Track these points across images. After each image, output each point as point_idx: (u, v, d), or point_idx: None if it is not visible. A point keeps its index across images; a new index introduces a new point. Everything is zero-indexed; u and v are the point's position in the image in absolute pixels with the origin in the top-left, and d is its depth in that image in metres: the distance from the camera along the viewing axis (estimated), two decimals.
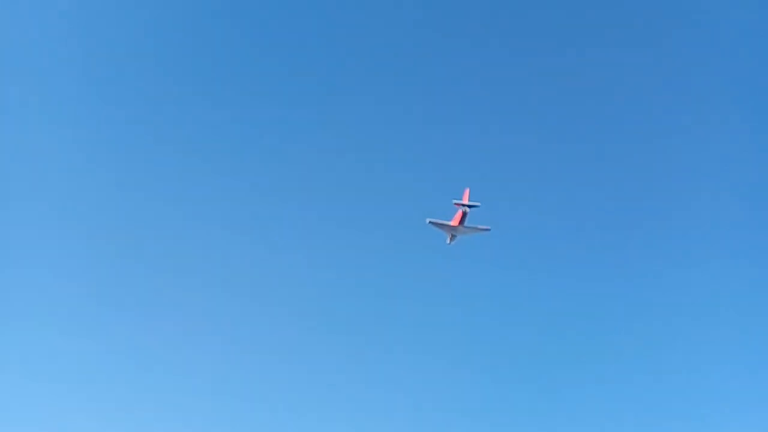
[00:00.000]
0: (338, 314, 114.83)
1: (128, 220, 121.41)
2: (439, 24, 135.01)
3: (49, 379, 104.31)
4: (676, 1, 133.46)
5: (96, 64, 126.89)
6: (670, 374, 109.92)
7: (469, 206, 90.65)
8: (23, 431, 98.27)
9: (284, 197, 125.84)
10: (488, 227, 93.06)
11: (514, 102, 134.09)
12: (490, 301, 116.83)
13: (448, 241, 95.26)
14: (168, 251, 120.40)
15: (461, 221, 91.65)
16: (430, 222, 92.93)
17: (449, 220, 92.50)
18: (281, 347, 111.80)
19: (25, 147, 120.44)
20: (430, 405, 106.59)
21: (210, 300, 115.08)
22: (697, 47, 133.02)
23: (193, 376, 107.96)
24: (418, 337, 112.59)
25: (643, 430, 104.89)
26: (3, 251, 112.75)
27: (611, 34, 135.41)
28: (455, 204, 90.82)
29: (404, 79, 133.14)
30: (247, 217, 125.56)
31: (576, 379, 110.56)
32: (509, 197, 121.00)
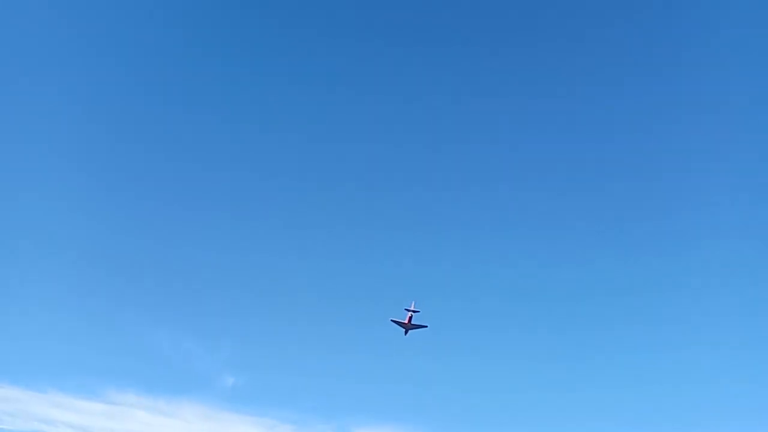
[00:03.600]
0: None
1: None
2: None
3: None
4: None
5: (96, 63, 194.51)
6: None
7: (414, 311, 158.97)
8: None
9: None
10: (426, 325, 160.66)
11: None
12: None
13: (405, 335, 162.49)
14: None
15: (410, 320, 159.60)
16: (391, 320, 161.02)
17: (404, 319, 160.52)
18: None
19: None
20: None
21: None
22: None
23: None
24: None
25: None
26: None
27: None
28: (405, 310, 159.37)
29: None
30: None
31: None
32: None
